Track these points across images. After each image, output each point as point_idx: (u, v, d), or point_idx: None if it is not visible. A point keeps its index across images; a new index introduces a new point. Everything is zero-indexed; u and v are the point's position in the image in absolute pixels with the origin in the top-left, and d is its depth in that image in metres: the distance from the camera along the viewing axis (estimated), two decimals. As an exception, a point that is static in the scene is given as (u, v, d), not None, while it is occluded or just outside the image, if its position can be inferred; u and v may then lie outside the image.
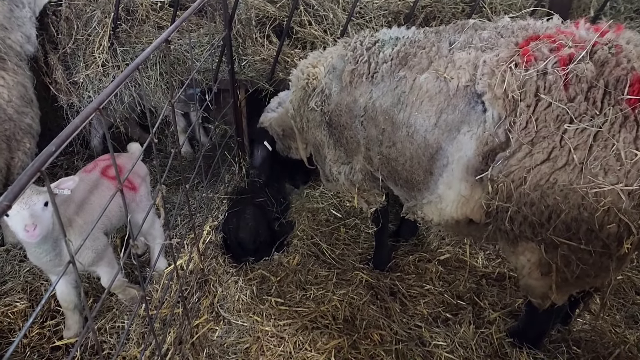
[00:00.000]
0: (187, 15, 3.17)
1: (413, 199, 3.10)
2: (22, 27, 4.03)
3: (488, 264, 4.10)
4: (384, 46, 3.12)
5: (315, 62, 3.55)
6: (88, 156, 5.34)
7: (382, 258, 4.08)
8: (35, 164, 1.59)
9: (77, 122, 1.83)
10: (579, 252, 2.38)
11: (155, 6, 4.87)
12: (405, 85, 2.85)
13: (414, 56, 2.89)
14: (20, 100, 3.75)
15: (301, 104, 3.65)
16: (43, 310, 3.60)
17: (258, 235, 4.26)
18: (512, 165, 2.38)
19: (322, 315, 3.60)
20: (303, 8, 4.82)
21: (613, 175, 2.17)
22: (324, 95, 3.40)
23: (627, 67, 2.22)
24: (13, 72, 3.75)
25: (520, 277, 2.80)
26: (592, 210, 2.22)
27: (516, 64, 2.44)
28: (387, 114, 2.94)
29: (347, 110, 3.23)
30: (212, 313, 3.63)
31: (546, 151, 2.30)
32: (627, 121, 2.18)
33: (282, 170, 4.87)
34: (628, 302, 3.70)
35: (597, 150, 2.21)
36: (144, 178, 3.75)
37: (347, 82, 3.20)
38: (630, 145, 2.16)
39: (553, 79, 2.32)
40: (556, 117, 2.29)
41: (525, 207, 2.40)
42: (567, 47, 2.37)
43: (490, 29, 2.77)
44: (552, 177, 2.29)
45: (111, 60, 4.63)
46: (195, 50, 4.76)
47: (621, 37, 2.37)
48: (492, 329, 3.43)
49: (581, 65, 2.28)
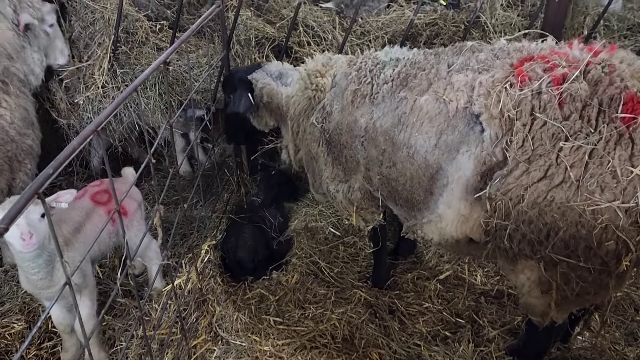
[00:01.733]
0: (185, 38, 3.22)
1: (413, 218, 3.11)
2: (29, 64, 4.17)
3: (487, 281, 4.09)
4: (385, 67, 3.16)
5: (324, 71, 3.55)
6: (88, 176, 5.36)
7: (381, 276, 4.08)
8: (33, 186, 1.60)
9: (75, 144, 1.86)
10: (578, 270, 2.38)
11: (154, 28, 4.93)
12: (405, 106, 2.89)
13: (414, 77, 2.93)
14: (22, 122, 3.81)
15: (302, 115, 3.65)
16: (40, 331, 3.58)
17: (257, 254, 4.25)
18: (510, 183, 2.41)
19: (320, 334, 3.58)
20: (302, 29, 4.89)
21: (610, 193, 2.19)
22: (325, 112, 3.42)
23: (621, 85, 2.26)
24: (15, 95, 3.82)
25: (520, 295, 2.80)
26: (590, 228, 2.23)
27: (511, 84, 2.48)
28: (387, 135, 2.97)
29: (348, 130, 3.25)
30: (211, 333, 3.61)
31: (543, 169, 2.33)
32: (621, 139, 2.20)
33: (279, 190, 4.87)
34: (627, 319, 3.69)
35: (593, 168, 2.23)
36: (138, 204, 3.75)
37: (349, 101, 3.23)
38: (626, 163, 2.18)
39: (548, 98, 2.36)
40: (552, 135, 2.32)
41: (523, 225, 2.41)
42: (560, 67, 2.42)
43: (487, 51, 2.82)
44: (550, 195, 2.31)
45: (111, 82, 4.68)
46: (194, 70, 4.81)
47: (614, 57, 2.41)
48: (491, 347, 3.42)
49: (575, 84, 2.32)
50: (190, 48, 5.00)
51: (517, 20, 4.81)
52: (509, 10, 4.86)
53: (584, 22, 4.83)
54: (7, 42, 3.93)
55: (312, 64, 3.68)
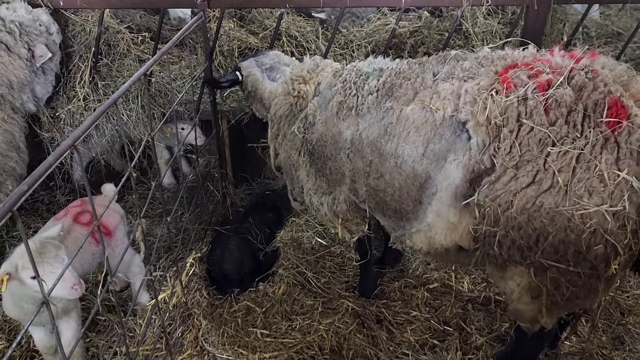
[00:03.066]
0: (166, 49, 3.20)
1: (401, 228, 3.09)
2: (36, 93, 4.34)
3: (474, 288, 4.10)
4: (369, 78, 3.16)
5: (308, 78, 3.53)
6: (70, 190, 5.28)
7: (368, 285, 4.06)
8: (6, 204, 1.57)
9: (51, 159, 1.83)
10: (567, 274, 2.38)
11: (136, 40, 4.90)
12: (392, 117, 2.88)
13: (399, 87, 2.93)
14: (7, 145, 3.91)
15: (282, 119, 3.61)
16: (22, 350, 3.50)
17: (242, 265, 4.21)
18: (498, 190, 2.41)
19: (308, 345, 3.55)
20: (286, 39, 4.90)
21: (597, 197, 2.20)
22: (308, 123, 3.39)
23: (605, 90, 2.29)
24: (3, 120, 3.92)
25: (509, 302, 2.79)
26: (579, 232, 2.24)
27: (497, 91, 2.50)
28: (374, 146, 2.95)
29: (333, 142, 3.23)
30: (197, 347, 3.55)
31: (531, 174, 2.33)
32: (607, 143, 2.22)
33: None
34: (614, 323, 3.71)
35: (580, 172, 2.24)
36: (120, 221, 3.69)
37: (334, 113, 3.21)
38: (613, 166, 2.20)
39: (534, 104, 2.37)
40: (539, 140, 2.33)
41: (513, 231, 2.41)
42: (544, 73, 2.44)
43: (472, 59, 2.83)
44: (538, 200, 2.31)
45: (92, 94, 4.63)
46: (176, 82, 4.78)
47: (596, 63, 2.45)
48: (479, 354, 3.41)
49: (560, 90, 2.34)
50: (173, 59, 4.97)
51: (498, 27, 4.86)
52: (490, 18, 4.91)
53: (563, 30, 4.90)
54: (15, 76, 4.09)
55: (297, 68, 3.65)
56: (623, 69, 2.42)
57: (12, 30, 4.10)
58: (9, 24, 4.11)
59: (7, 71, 4.03)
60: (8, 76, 4.03)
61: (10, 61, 4.06)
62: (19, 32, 4.13)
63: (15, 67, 4.08)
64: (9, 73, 4.04)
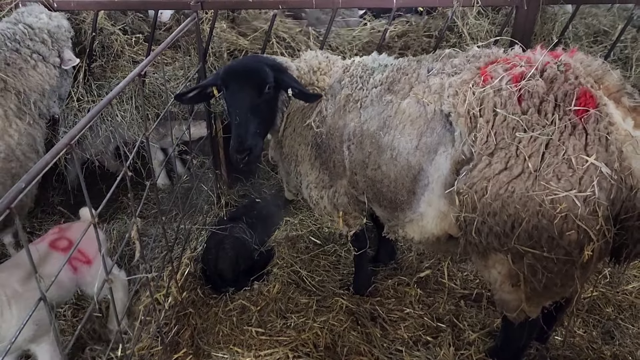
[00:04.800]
0: (160, 50, 3.24)
1: (395, 218, 3.18)
2: (63, 98, 4.49)
3: (466, 285, 4.14)
4: (374, 72, 3.27)
5: (327, 70, 3.55)
6: (64, 191, 5.30)
7: (362, 283, 4.10)
8: (4, 201, 1.60)
9: (48, 158, 1.85)
10: (543, 261, 2.45)
11: (130, 41, 4.92)
12: (390, 110, 2.98)
13: (398, 82, 3.04)
14: (28, 147, 3.97)
15: (297, 112, 3.57)
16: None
17: (237, 265, 4.25)
18: (474, 177, 2.49)
19: (303, 343, 3.58)
20: (275, 40, 4.93)
21: (566, 182, 2.28)
22: (322, 117, 3.43)
23: (575, 82, 2.40)
24: (28, 124, 4.01)
25: (494, 291, 2.87)
26: (550, 218, 2.31)
27: (475, 84, 2.61)
28: (373, 138, 3.05)
29: (338, 135, 3.30)
30: (192, 346, 3.58)
31: (504, 161, 2.42)
32: (575, 130, 2.32)
33: None
34: (603, 318, 3.76)
35: (549, 158, 2.32)
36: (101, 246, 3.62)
37: (341, 105, 3.29)
38: (581, 152, 2.28)
39: (507, 95, 2.48)
40: (512, 129, 2.43)
41: (489, 217, 2.49)
42: (519, 66, 2.56)
43: (462, 57, 2.95)
44: (510, 186, 2.40)
45: (87, 96, 4.65)
46: (170, 83, 4.81)
47: (574, 59, 2.56)
48: (471, 350, 3.45)
49: (532, 81, 2.45)
50: (167, 60, 4.99)
51: (489, 27, 4.92)
52: (480, 19, 4.97)
53: (553, 30, 4.96)
54: (48, 84, 4.21)
55: (314, 59, 3.63)
56: (599, 64, 2.53)
57: (45, 40, 4.18)
58: (40, 32, 4.18)
59: (44, 81, 4.16)
60: (43, 85, 4.16)
61: (47, 72, 4.18)
62: (51, 41, 4.22)
63: (50, 77, 4.21)
64: (44, 82, 4.17)
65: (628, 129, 2.32)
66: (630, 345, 3.52)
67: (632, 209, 2.32)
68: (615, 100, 2.40)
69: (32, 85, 4.06)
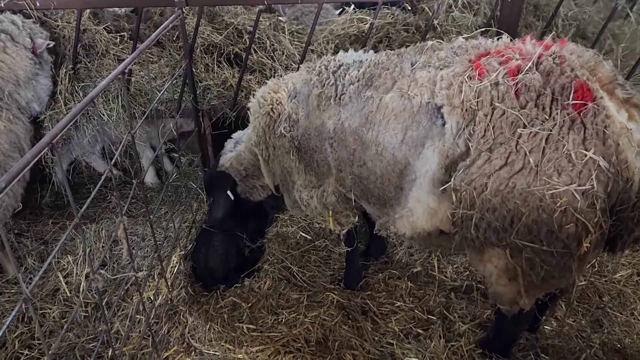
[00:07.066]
0: (144, 47, 3.21)
1: (386, 215, 3.16)
2: (37, 91, 4.33)
3: (457, 277, 4.16)
4: (349, 68, 3.23)
5: (276, 87, 3.58)
6: (55, 192, 5.26)
7: (353, 277, 4.10)
8: (-16, 201, 1.58)
9: (29, 157, 1.83)
10: (542, 254, 2.45)
11: (115, 40, 4.87)
12: (372, 105, 2.95)
13: (378, 77, 3.00)
14: (10, 145, 3.87)
15: (266, 131, 3.64)
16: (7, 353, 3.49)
17: (228, 262, 4.23)
18: (473, 173, 2.47)
19: (294, 338, 3.58)
20: (247, 37, 4.92)
21: (566, 176, 2.28)
22: (292, 121, 3.43)
23: (571, 75, 2.38)
24: (8, 120, 3.92)
25: (488, 285, 2.86)
26: (551, 212, 2.31)
27: (470, 77, 2.58)
28: (356, 134, 3.02)
29: (317, 134, 3.27)
30: (183, 344, 3.56)
31: (504, 156, 2.40)
32: (574, 124, 2.31)
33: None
34: (592, 306, 3.79)
35: (549, 153, 2.32)
36: None
37: (315, 105, 3.26)
38: (580, 146, 2.28)
39: (505, 89, 2.46)
40: (511, 123, 2.41)
41: (488, 213, 2.48)
42: (514, 59, 2.53)
43: (447, 49, 2.92)
44: (511, 182, 2.38)
45: (72, 98, 4.60)
46: (157, 81, 4.77)
47: (565, 50, 2.55)
48: (462, 341, 3.46)
49: (528, 75, 2.43)
50: (152, 58, 4.96)
51: (474, 20, 4.92)
52: (466, 12, 4.96)
53: (539, 21, 4.98)
54: (22, 69, 4.10)
55: (260, 90, 3.73)
56: (590, 55, 2.52)
57: (14, 20, 4.13)
58: (9, 14, 4.17)
59: (15, 63, 4.03)
60: (15, 71, 4.03)
61: (17, 51, 4.05)
62: (21, 23, 4.16)
63: (22, 58, 4.08)
64: (17, 67, 4.05)
65: (623, 121, 2.33)
66: (619, 333, 3.56)
67: (627, 200, 2.34)
68: (608, 92, 2.40)
69: (4, 74, 3.95)
